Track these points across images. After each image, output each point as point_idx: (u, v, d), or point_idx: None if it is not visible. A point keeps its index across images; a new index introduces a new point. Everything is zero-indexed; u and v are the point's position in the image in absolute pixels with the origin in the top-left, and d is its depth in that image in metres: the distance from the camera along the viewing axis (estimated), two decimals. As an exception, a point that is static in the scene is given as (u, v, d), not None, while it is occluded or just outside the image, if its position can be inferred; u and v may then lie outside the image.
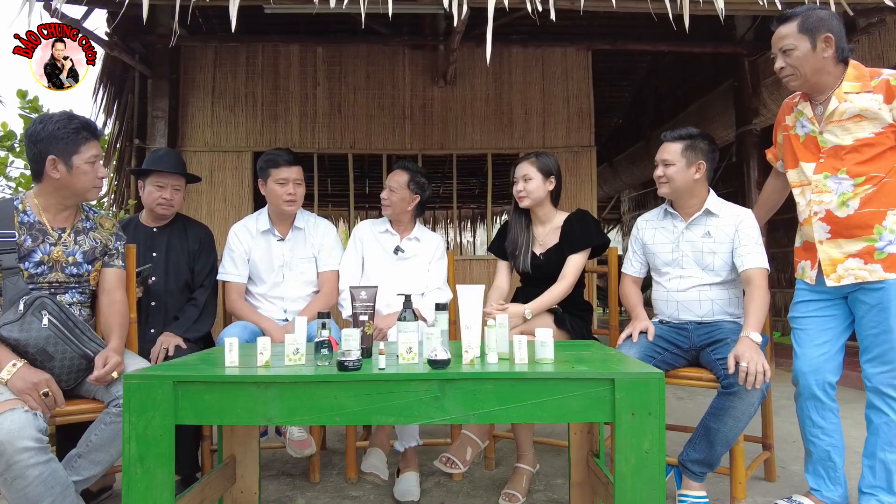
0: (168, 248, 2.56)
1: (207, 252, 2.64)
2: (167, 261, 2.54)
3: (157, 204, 2.53)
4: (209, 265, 2.62)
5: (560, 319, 2.45)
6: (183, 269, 2.57)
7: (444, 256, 2.83)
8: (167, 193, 2.53)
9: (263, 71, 4.81)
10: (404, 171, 2.73)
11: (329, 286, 2.69)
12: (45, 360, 1.72)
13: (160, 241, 2.56)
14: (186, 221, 2.69)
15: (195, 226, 2.70)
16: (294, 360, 1.62)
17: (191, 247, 2.60)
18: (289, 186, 2.57)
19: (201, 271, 2.60)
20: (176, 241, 2.59)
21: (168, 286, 2.53)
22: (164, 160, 2.57)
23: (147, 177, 2.55)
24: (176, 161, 2.62)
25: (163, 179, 2.53)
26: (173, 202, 2.56)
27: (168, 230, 2.60)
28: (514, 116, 4.85)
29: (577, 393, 1.47)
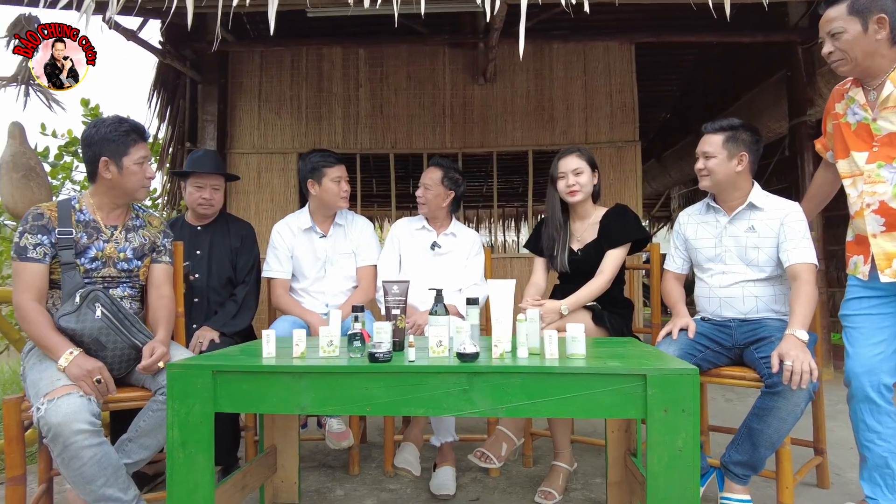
0: (211, 246, 2.65)
1: (249, 249, 2.73)
2: (210, 258, 2.63)
3: (197, 204, 2.63)
4: (251, 262, 2.71)
5: (598, 316, 2.41)
6: (226, 266, 2.66)
7: (481, 252, 2.83)
8: (207, 193, 2.62)
9: (307, 74, 4.93)
10: (437, 168, 2.75)
11: (367, 281, 2.73)
12: (98, 349, 1.81)
13: (204, 239, 2.66)
14: (229, 219, 2.79)
15: (237, 223, 2.79)
16: (328, 352, 1.66)
17: (233, 244, 2.69)
18: (342, 184, 2.66)
19: (243, 268, 2.69)
20: (219, 238, 2.68)
21: (211, 283, 2.62)
22: (203, 161, 2.67)
23: (188, 178, 2.65)
24: (214, 161, 2.71)
25: (202, 180, 2.62)
26: (213, 201, 2.65)
27: (211, 228, 2.70)
28: (556, 112, 4.80)
29: (608, 388, 1.45)
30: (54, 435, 1.59)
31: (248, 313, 2.63)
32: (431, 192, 2.72)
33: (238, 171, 4.89)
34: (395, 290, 1.80)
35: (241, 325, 2.58)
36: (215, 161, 2.73)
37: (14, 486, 1.74)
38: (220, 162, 2.77)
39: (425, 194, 2.74)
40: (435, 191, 2.72)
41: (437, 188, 2.72)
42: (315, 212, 2.77)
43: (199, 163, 2.67)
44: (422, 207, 2.79)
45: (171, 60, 4.46)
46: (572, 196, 2.48)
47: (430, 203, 2.74)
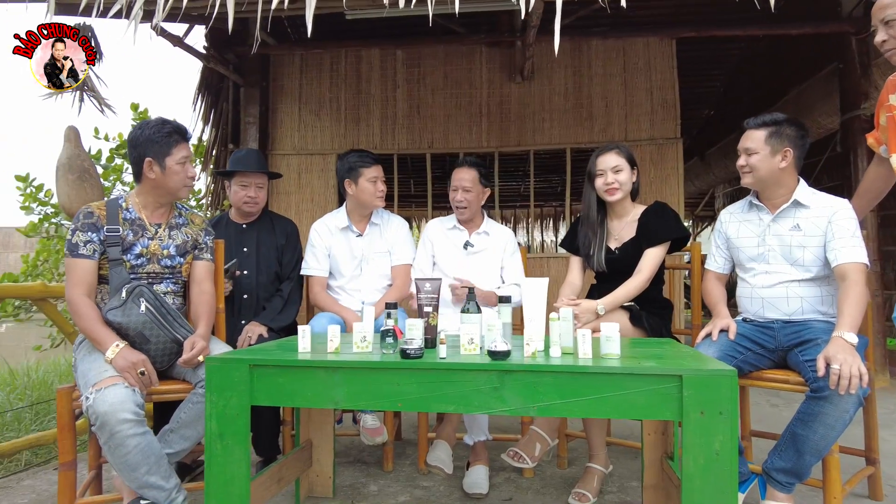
0: (257, 243, 2.72)
1: (293, 245, 2.79)
2: (257, 255, 2.70)
3: (243, 202, 2.70)
4: (295, 258, 2.77)
5: (636, 317, 2.37)
6: (272, 263, 2.72)
7: (517, 251, 2.82)
8: (251, 192, 2.69)
9: (346, 75, 5.00)
10: (472, 168, 2.74)
11: (401, 279, 2.75)
12: (142, 342, 1.88)
13: (249, 236, 2.72)
14: (273, 217, 2.85)
15: (281, 221, 2.86)
16: (361, 348, 1.68)
17: (278, 241, 2.75)
18: (379, 183, 2.69)
19: (288, 263, 2.75)
20: (264, 235, 2.75)
21: (259, 279, 2.69)
22: (246, 160, 2.74)
23: (232, 177, 2.73)
24: (257, 160, 2.77)
25: (246, 178, 2.69)
26: (258, 199, 2.72)
27: (256, 226, 2.76)
28: (595, 110, 4.73)
29: (642, 389, 1.42)
30: (101, 423, 1.66)
31: (294, 308, 2.69)
32: (473, 194, 2.72)
33: (279, 172, 4.99)
34: (427, 288, 1.81)
35: (287, 319, 2.64)
36: (259, 160, 2.80)
37: (65, 471, 1.82)
38: (263, 160, 2.84)
39: (466, 197, 2.72)
40: (476, 191, 2.72)
41: (477, 188, 2.72)
42: (352, 211, 2.81)
43: (242, 161, 2.73)
44: (463, 212, 2.75)
45: (215, 64, 4.60)
46: (611, 194, 2.44)
47: (472, 205, 2.73)
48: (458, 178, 2.75)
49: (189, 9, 2.68)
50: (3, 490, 2.40)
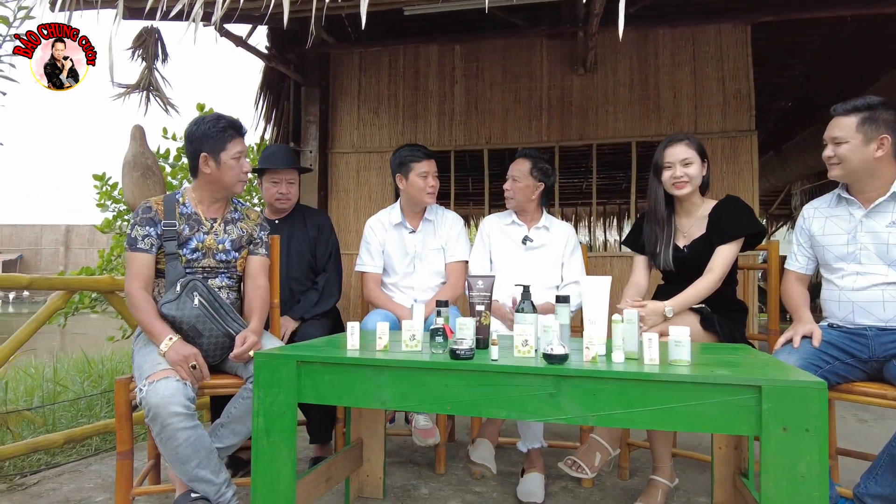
0: (290, 238, 2.72)
1: (326, 237, 2.77)
2: (289, 250, 2.70)
3: (274, 199, 2.70)
4: (329, 250, 2.76)
5: (707, 320, 2.20)
6: (305, 257, 2.72)
7: (578, 248, 2.69)
8: (283, 188, 2.69)
9: (404, 73, 4.97)
10: (526, 159, 2.64)
11: (455, 276, 2.68)
12: (195, 336, 1.89)
13: (282, 232, 2.71)
14: (305, 211, 2.85)
15: (313, 214, 2.85)
16: (410, 347, 1.62)
17: (310, 234, 2.74)
18: (429, 179, 2.63)
19: (322, 256, 2.74)
20: (296, 230, 2.75)
21: (291, 273, 2.68)
22: (276, 157, 2.74)
23: (263, 174, 2.72)
24: (287, 156, 2.77)
25: (277, 175, 2.69)
26: (289, 195, 2.71)
27: (288, 221, 2.77)
28: (662, 101, 4.49)
29: (715, 400, 1.28)
30: (154, 415, 1.67)
31: (330, 299, 2.68)
32: (520, 184, 2.62)
33: (338, 170, 5.04)
34: (479, 286, 1.72)
35: (323, 309, 2.62)
36: (288, 155, 2.79)
37: (123, 460, 1.85)
38: (293, 156, 2.83)
39: (513, 186, 2.64)
40: (524, 182, 2.62)
41: (526, 179, 2.62)
42: (405, 207, 2.76)
43: (272, 158, 2.73)
44: (509, 201, 2.69)
45: (276, 64, 4.67)
46: (679, 189, 2.28)
47: (517, 195, 2.64)
48: (511, 167, 2.67)
49: (245, 9, 2.70)
50: (73, 473, 2.50)
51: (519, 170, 2.62)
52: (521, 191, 2.62)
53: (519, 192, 2.62)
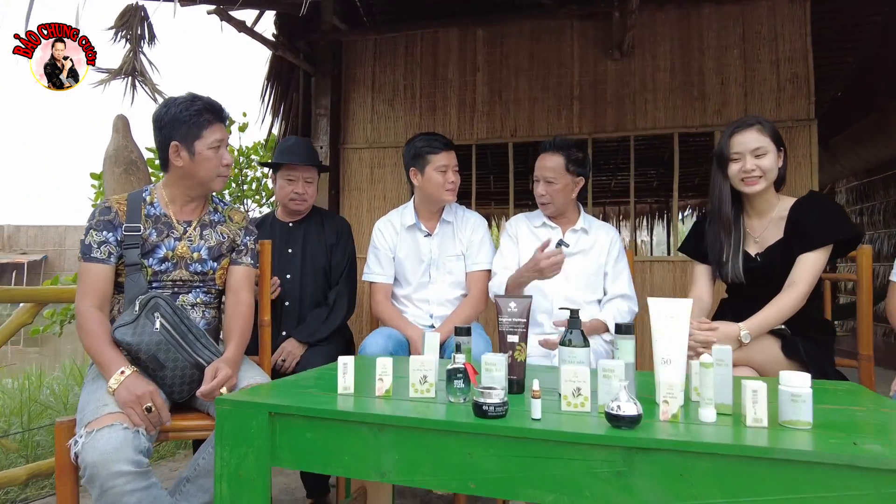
0: (304, 244, 2.36)
1: (344, 245, 2.41)
2: (303, 257, 2.34)
3: (289, 199, 2.34)
4: (346, 260, 2.39)
5: (790, 346, 1.77)
6: (320, 266, 2.36)
7: (623, 254, 2.27)
8: (299, 187, 2.33)
9: (422, 60, 4.59)
10: (556, 153, 2.22)
11: (478, 289, 2.28)
12: (156, 368, 1.53)
13: (296, 236, 2.37)
14: (323, 214, 2.49)
15: (332, 218, 2.49)
16: (420, 392, 1.22)
17: (328, 241, 2.38)
18: (448, 173, 2.24)
19: (338, 266, 2.38)
20: (312, 235, 2.39)
21: (304, 284, 2.33)
22: (294, 151, 2.37)
23: (278, 170, 2.37)
24: (306, 151, 2.40)
25: (293, 172, 2.34)
26: (306, 196, 2.36)
27: (304, 225, 2.41)
28: (708, 88, 4.02)
29: (870, 492, 0.86)
30: (90, 476, 1.31)
31: (339, 314, 2.31)
32: (557, 186, 2.20)
33: (351, 166, 4.67)
34: (511, 309, 1.32)
35: (331, 328, 2.27)
36: (308, 151, 2.42)
37: (67, 523, 1.49)
38: (313, 151, 2.46)
39: (549, 190, 2.22)
40: (561, 182, 2.20)
41: (563, 178, 2.20)
42: (420, 206, 2.38)
43: (290, 153, 2.37)
44: (546, 208, 2.27)
45: (284, 53, 4.32)
46: (750, 185, 1.87)
47: (556, 199, 2.22)
48: (539, 166, 2.24)
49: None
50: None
51: (552, 168, 2.20)
52: (559, 193, 2.20)
53: (557, 195, 2.20)
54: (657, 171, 8.26)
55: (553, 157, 2.20)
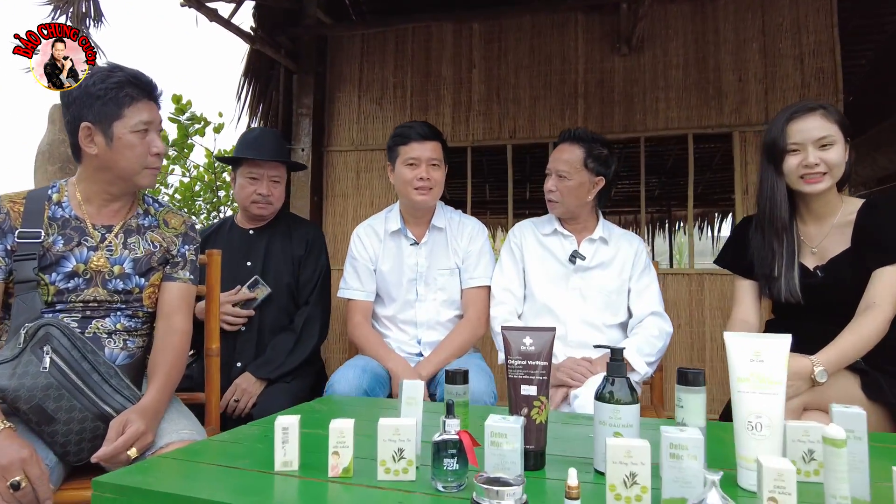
0: (266, 256, 1.98)
1: (316, 258, 2.03)
2: (265, 272, 1.96)
3: (251, 201, 1.97)
4: (317, 275, 2.01)
5: (872, 384, 1.41)
6: (285, 282, 1.97)
7: (650, 267, 1.90)
8: (263, 187, 1.96)
9: (413, 57, 4.23)
10: (576, 144, 1.85)
11: (476, 309, 1.90)
12: (41, 421, 1.13)
13: (257, 246, 1.99)
14: (291, 221, 2.11)
15: (302, 225, 2.11)
16: (394, 473, 0.84)
17: (295, 252, 2.00)
18: (421, 168, 1.87)
19: (307, 283, 1.99)
20: (277, 245, 2.00)
21: (264, 304, 1.94)
22: (258, 144, 2.00)
23: (238, 166, 2.00)
24: (273, 145, 2.02)
25: (257, 169, 1.96)
26: (271, 198, 1.98)
27: (267, 233, 2.03)
28: (724, 85, 3.68)
29: None
30: None
31: (310, 342, 1.93)
32: (570, 182, 1.83)
33: (335, 171, 4.30)
34: (526, 347, 0.94)
35: (298, 360, 1.88)
36: (275, 144, 2.04)
37: None
38: (281, 145, 2.09)
39: (560, 186, 1.85)
40: (576, 179, 1.83)
41: (579, 174, 1.83)
42: (405, 210, 2.00)
43: (253, 146, 2.00)
44: (554, 206, 1.90)
45: (264, 47, 3.96)
46: (813, 182, 1.52)
47: (567, 198, 1.85)
48: (553, 157, 1.88)
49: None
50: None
51: (567, 161, 1.83)
52: (571, 192, 1.83)
53: (569, 194, 1.83)
54: (659, 180, 7.93)
55: (571, 148, 1.83)
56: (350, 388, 1.61)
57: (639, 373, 1.70)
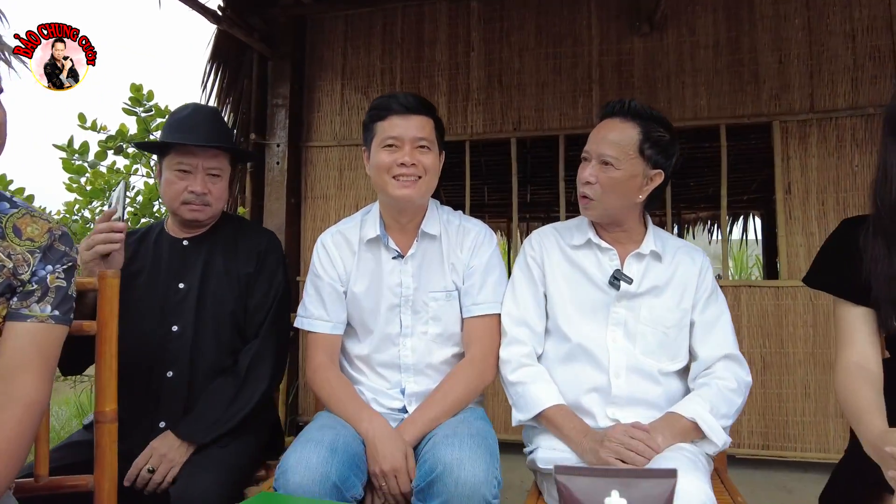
0: (205, 275, 1.47)
1: (269, 277, 1.52)
2: (201, 297, 1.45)
3: (181, 202, 1.46)
4: (271, 300, 1.50)
5: None
6: (228, 310, 1.46)
7: (718, 290, 1.40)
8: (197, 183, 1.46)
9: (403, 40, 3.75)
10: (629, 121, 1.36)
11: (482, 347, 1.40)
12: None
13: (192, 262, 1.48)
14: (238, 227, 1.59)
15: (251, 234, 1.60)
16: None
17: (242, 269, 1.49)
18: (403, 151, 1.37)
19: (258, 310, 1.48)
20: (218, 261, 1.50)
21: (200, 340, 1.43)
22: (189, 126, 1.49)
23: (164, 156, 1.49)
24: (210, 126, 1.52)
25: (189, 159, 1.46)
26: (209, 197, 1.48)
27: (207, 244, 1.52)
28: (762, 68, 3.20)
29: None
30: None
31: (257, 388, 1.42)
32: (619, 172, 1.33)
33: (315, 169, 3.79)
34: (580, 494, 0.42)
35: (240, 413, 1.37)
36: (214, 126, 1.54)
37: None
38: (222, 128, 1.57)
39: (601, 176, 1.34)
40: (626, 169, 1.34)
41: (630, 163, 1.34)
42: (385, 211, 1.50)
43: (182, 128, 1.49)
44: (589, 206, 1.38)
45: (233, 29, 3.47)
46: None
47: (609, 195, 1.35)
48: (595, 137, 1.38)
49: None
50: None
51: (616, 142, 1.33)
52: (618, 186, 1.33)
53: (614, 190, 1.33)
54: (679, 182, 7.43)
55: (623, 126, 1.33)
56: (311, 481, 1.09)
57: (716, 444, 1.20)
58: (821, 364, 3.00)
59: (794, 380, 3.03)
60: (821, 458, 2.98)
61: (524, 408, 1.31)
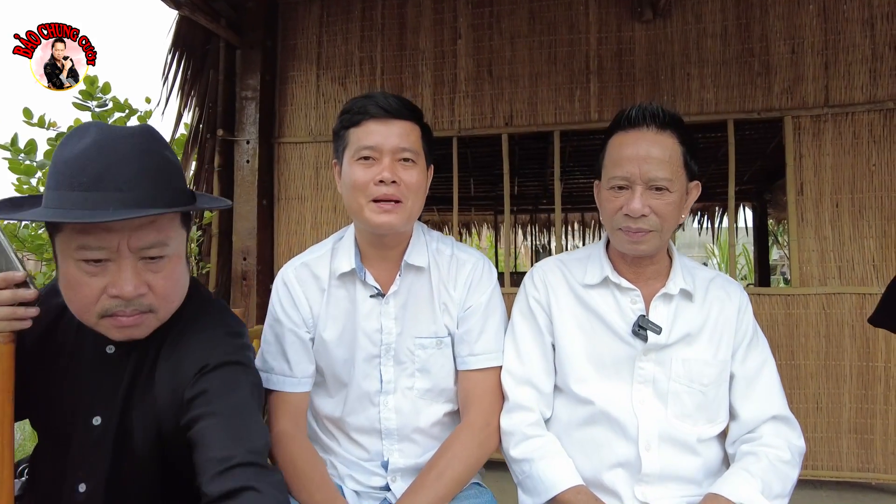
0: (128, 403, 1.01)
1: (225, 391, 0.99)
2: (123, 435, 1.00)
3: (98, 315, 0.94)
4: None
5: None
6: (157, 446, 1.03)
7: (760, 332, 1.15)
8: (124, 281, 0.92)
9: (384, 26, 3.45)
10: (668, 132, 1.10)
11: (482, 408, 1.16)
12: None
13: (110, 381, 1.01)
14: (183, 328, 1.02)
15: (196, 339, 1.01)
16: None
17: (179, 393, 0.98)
18: (382, 165, 1.10)
19: None
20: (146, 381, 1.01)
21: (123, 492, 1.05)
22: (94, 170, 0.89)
23: (58, 232, 0.94)
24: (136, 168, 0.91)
25: (102, 240, 0.90)
26: (147, 298, 0.95)
27: (136, 353, 1.02)
28: (773, 58, 2.96)
29: None
30: None
31: None
32: (674, 196, 1.07)
33: (289, 167, 3.50)
34: None
35: None
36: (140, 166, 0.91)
37: None
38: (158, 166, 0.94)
39: (659, 206, 1.06)
40: (679, 190, 1.09)
41: (680, 182, 1.10)
42: (362, 240, 1.23)
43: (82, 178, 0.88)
44: (644, 241, 1.08)
45: (196, 15, 3.14)
46: None
47: (668, 225, 1.09)
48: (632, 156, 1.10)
49: None
50: None
51: (664, 161, 1.06)
52: (674, 213, 1.07)
53: (672, 218, 1.07)
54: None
55: (661, 137, 1.07)
56: None
57: None
58: (834, 377, 2.81)
59: (806, 394, 2.83)
60: (833, 476, 2.80)
61: (533, 490, 1.06)
